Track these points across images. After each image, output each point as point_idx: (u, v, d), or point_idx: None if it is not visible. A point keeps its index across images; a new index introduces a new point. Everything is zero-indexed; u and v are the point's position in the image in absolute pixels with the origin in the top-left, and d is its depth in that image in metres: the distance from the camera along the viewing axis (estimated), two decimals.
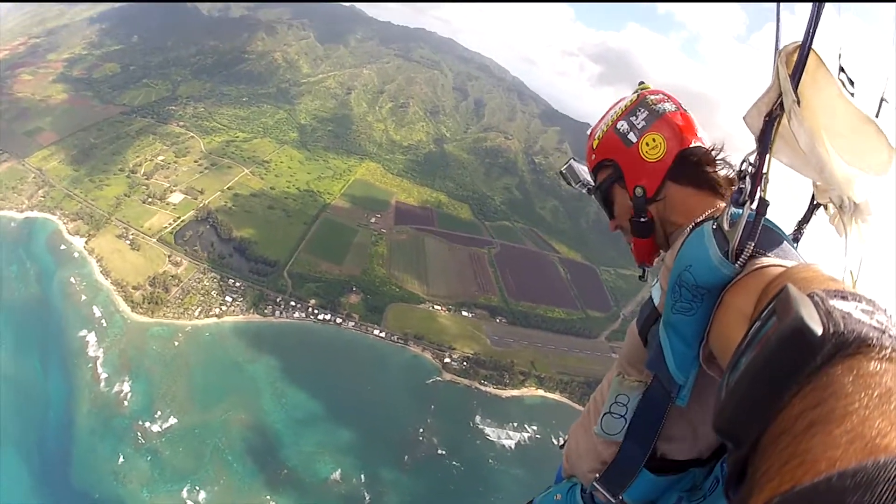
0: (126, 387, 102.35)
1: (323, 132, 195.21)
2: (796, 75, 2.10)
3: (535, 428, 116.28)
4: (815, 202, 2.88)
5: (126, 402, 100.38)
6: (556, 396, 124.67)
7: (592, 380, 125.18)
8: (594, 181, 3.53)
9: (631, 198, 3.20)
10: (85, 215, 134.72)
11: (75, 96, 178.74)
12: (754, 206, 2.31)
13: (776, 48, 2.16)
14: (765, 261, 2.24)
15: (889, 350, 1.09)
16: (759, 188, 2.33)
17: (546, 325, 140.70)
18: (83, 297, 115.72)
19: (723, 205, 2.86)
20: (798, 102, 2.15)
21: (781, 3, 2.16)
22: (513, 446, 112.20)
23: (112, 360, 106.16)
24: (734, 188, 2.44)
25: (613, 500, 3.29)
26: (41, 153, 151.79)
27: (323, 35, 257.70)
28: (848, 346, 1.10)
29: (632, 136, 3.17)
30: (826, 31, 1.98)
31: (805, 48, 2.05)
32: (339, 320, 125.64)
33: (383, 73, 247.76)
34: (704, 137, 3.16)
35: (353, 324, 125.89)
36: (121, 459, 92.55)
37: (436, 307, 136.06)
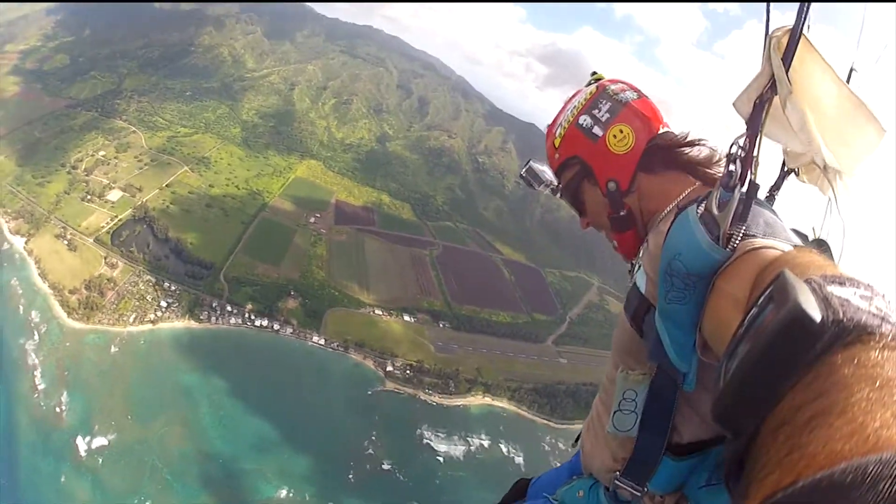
0: (63, 399, 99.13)
1: (265, 128, 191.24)
2: (787, 60, 2.15)
3: (483, 437, 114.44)
4: (785, 168, 3.01)
5: (64, 416, 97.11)
6: (503, 404, 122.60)
7: (541, 385, 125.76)
8: (559, 180, 3.46)
9: (604, 193, 3.19)
10: (26, 213, 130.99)
11: (26, 89, 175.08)
12: (744, 189, 2.30)
13: (766, 34, 2.21)
14: (756, 242, 2.23)
15: (889, 338, 1.08)
16: (749, 171, 2.33)
17: (491, 329, 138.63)
18: (22, 302, 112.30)
19: (697, 184, 3.00)
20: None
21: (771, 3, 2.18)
22: (461, 457, 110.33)
23: (49, 370, 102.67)
24: (723, 171, 2.43)
25: (639, 493, 3.27)
26: None
27: (270, 31, 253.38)
28: (847, 333, 1.10)
29: (597, 130, 3.15)
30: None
31: (796, 34, 2.09)
32: (276, 326, 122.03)
33: (328, 70, 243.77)
34: (670, 123, 3.22)
35: (290, 330, 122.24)
36: (63, 478, 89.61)
37: (377, 312, 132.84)
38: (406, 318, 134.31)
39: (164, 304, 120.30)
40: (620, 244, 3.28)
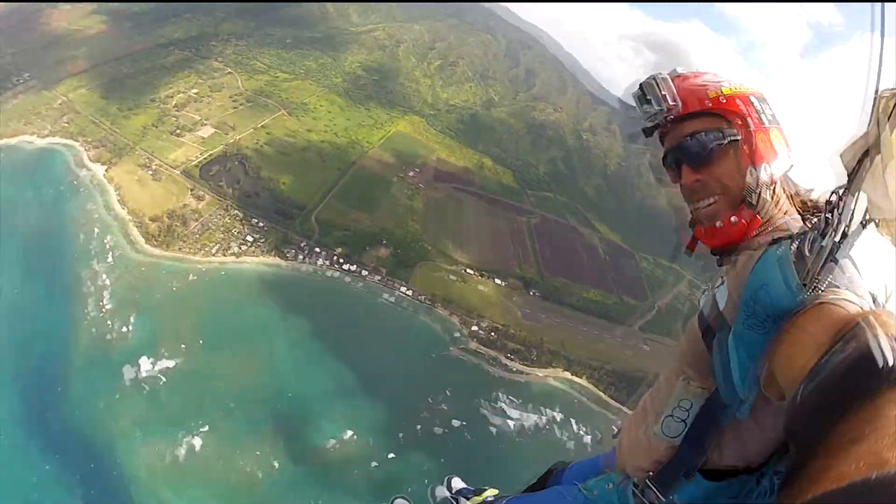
0: (131, 322, 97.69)
1: (367, 81, 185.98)
2: (894, 125, 2.16)
3: (556, 411, 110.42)
4: (866, 217, 2.84)
5: (129, 338, 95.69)
6: (582, 381, 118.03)
7: (620, 369, 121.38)
8: (690, 121, 3.27)
9: (754, 170, 3.13)
10: (108, 143, 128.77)
11: (113, 27, 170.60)
12: (837, 239, 2.40)
13: (876, 91, 2.20)
14: (840, 293, 2.34)
15: None
16: (843, 224, 2.41)
17: (580, 304, 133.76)
18: (97, 226, 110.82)
19: (792, 222, 3.10)
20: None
21: (883, 42, 2.23)
22: (531, 427, 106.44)
23: (119, 293, 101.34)
24: (819, 217, 2.60)
25: (664, 500, 3.44)
26: (70, 82, 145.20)
27: None
28: None
29: (763, 119, 3.19)
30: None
31: None
32: (364, 272, 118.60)
33: (434, 31, 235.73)
34: None
35: (378, 278, 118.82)
36: (117, 395, 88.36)
37: (468, 271, 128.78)
38: (497, 281, 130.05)
39: (249, 238, 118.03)
40: (727, 227, 3.15)
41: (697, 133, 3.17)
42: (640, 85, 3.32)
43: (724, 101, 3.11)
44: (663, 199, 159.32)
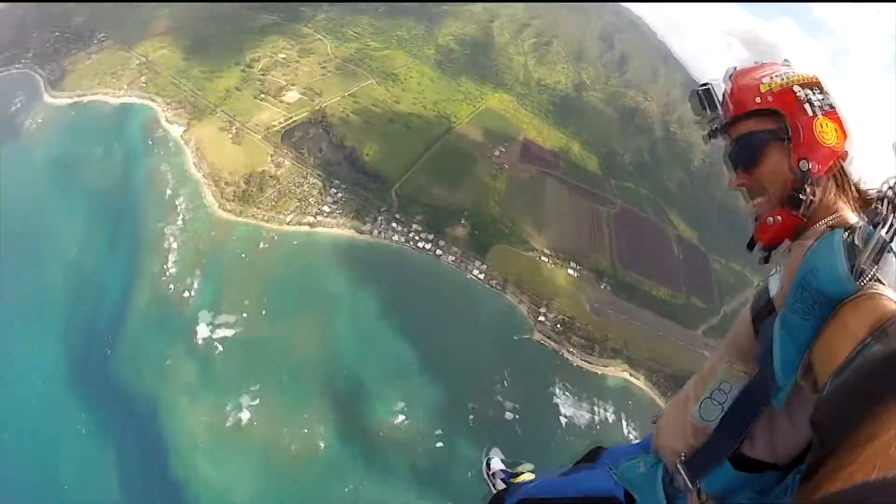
0: (195, 285, 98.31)
1: (460, 54, 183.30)
2: None
3: (610, 410, 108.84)
4: None
5: (190, 302, 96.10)
6: (639, 383, 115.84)
7: (678, 373, 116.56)
8: (741, 124, 3.35)
9: (793, 168, 3.16)
10: (188, 104, 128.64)
11: None
12: (884, 231, 2.39)
13: None
14: (882, 289, 2.31)
15: None
16: (894, 216, 2.41)
17: (648, 302, 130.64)
18: (169, 187, 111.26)
19: (847, 212, 3.10)
20: None
21: None
22: (583, 425, 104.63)
23: (186, 255, 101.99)
24: (873, 208, 2.56)
25: (690, 486, 3.47)
26: (150, 42, 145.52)
27: None
28: None
29: (808, 109, 3.15)
30: None
31: None
32: (438, 252, 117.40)
33: (531, 8, 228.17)
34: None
35: (452, 258, 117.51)
36: (168, 361, 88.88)
37: (543, 258, 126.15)
38: (570, 270, 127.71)
39: (326, 208, 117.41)
40: (783, 225, 3.17)
41: (742, 136, 3.27)
42: (692, 92, 3.51)
43: (764, 98, 3.17)
44: (743, 201, 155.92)
